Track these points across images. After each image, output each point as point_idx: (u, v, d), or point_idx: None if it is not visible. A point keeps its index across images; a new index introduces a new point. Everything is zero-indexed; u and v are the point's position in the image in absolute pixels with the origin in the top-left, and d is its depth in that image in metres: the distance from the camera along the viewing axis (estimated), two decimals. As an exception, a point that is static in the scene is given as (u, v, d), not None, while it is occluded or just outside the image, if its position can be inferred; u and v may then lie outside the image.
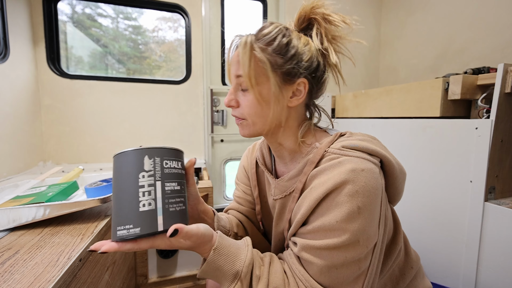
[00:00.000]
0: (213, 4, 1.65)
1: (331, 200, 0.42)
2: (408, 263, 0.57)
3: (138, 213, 0.36)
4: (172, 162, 0.41)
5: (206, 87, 1.62)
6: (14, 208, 0.63)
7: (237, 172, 0.74)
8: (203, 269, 0.43)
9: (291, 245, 0.49)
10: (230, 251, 0.44)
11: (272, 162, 0.62)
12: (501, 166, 0.88)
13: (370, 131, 1.32)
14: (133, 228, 0.36)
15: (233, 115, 0.54)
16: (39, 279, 0.44)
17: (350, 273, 0.42)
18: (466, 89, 0.96)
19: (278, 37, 0.48)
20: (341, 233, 0.41)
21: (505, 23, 1.24)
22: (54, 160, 1.42)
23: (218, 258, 0.43)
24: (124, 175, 0.38)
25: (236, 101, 0.52)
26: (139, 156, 0.38)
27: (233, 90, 0.52)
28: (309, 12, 0.50)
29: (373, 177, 0.42)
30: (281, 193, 0.55)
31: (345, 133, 0.51)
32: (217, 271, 0.43)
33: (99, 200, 0.68)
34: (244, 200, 0.69)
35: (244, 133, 0.54)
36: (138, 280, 1.09)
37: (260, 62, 0.47)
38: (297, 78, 0.49)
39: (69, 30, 1.45)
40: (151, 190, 0.37)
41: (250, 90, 0.49)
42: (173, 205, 0.39)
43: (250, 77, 0.47)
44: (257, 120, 0.51)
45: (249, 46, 0.47)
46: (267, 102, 0.49)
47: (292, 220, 0.51)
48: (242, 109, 0.51)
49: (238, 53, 0.49)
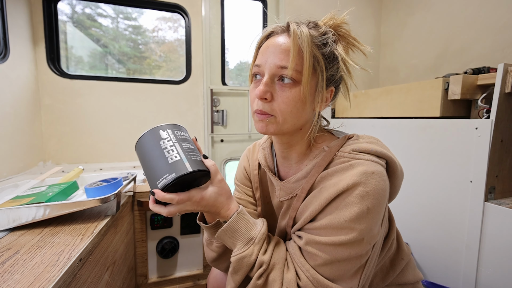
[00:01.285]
0: (213, 4, 1.65)
1: (341, 200, 0.43)
2: (399, 254, 0.59)
3: (169, 165, 0.44)
4: (181, 131, 0.50)
5: (206, 87, 1.62)
6: (14, 208, 0.63)
7: (237, 172, 0.73)
8: (224, 229, 0.48)
9: (295, 238, 0.51)
10: (249, 219, 0.50)
11: (274, 162, 0.62)
12: (501, 166, 0.88)
13: (370, 131, 1.32)
14: (170, 175, 0.43)
15: (260, 110, 0.49)
16: (39, 279, 0.44)
17: (352, 267, 0.44)
18: (466, 89, 0.96)
19: (329, 42, 0.48)
20: (348, 231, 0.42)
21: (505, 23, 1.24)
22: (54, 160, 1.42)
23: (239, 221, 0.49)
24: (149, 147, 0.47)
25: (271, 94, 0.48)
26: (155, 131, 0.48)
27: (268, 81, 0.47)
28: (336, 26, 0.51)
29: (382, 179, 0.44)
30: (287, 195, 0.56)
31: (352, 136, 0.52)
32: (235, 233, 0.48)
33: (99, 200, 0.68)
34: (245, 201, 0.69)
35: (268, 130, 0.50)
36: (138, 280, 1.09)
37: (315, 60, 0.46)
38: (331, 85, 0.51)
39: (69, 30, 1.45)
40: (173, 148, 0.46)
41: (294, 86, 0.46)
42: (193, 156, 0.47)
43: (308, 72, 0.45)
44: (289, 118, 0.48)
45: (311, 41, 0.46)
46: (307, 102, 0.48)
47: (297, 218, 0.53)
48: (277, 104, 0.47)
49: (294, 43, 0.45)
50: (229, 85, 1.75)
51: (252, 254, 0.47)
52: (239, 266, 0.47)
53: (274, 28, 0.50)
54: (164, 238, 1.12)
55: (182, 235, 1.15)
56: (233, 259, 0.48)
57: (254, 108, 0.50)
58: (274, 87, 0.48)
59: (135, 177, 1.02)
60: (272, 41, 0.49)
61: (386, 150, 0.48)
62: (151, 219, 1.09)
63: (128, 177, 0.99)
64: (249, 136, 1.80)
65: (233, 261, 0.48)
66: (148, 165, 0.46)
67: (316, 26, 0.49)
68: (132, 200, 1.03)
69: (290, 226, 0.54)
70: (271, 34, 0.50)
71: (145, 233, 1.09)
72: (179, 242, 1.15)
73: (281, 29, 0.50)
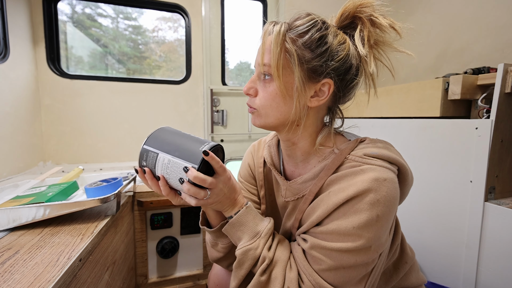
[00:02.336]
0: (213, 4, 1.65)
1: (351, 206, 0.42)
2: (403, 258, 0.59)
3: (200, 141, 0.48)
4: None
5: (206, 87, 1.62)
6: (14, 208, 0.63)
7: (240, 169, 0.71)
8: (232, 221, 0.50)
9: (300, 241, 0.50)
10: (257, 215, 0.52)
11: (280, 161, 0.61)
12: (501, 166, 0.88)
13: (370, 131, 1.32)
14: (207, 143, 0.47)
15: (247, 104, 0.53)
16: (39, 279, 0.44)
17: (357, 274, 0.43)
18: (466, 89, 0.96)
19: (311, 30, 0.45)
20: (356, 238, 0.41)
21: (505, 23, 1.24)
22: (54, 160, 1.42)
23: (248, 215, 0.50)
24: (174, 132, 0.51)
25: (255, 90, 0.50)
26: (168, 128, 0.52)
27: (255, 78, 0.51)
28: (354, 10, 0.47)
29: (394, 187, 0.42)
30: (293, 196, 0.55)
31: (365, 139, 0.50)
32: (242, 226, 0.49)
33: (99, 200, 0.68)
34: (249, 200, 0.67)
35: (255, 122, 0.52)
36: (138, 280, 1.09)
37: (288, 54, 0.45)
38: (323, 78, 0.46)
39: (69, 30, 1.45)
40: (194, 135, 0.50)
41: (273, 81, 0.47)
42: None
43: (277, 67, 0.45)
44: (270, 112, 0.49)
45: (282, 35, 0.45)
46: (286, 97, 0.47)
47: (303, 220, 0.52)
48: (258, 99, 0.50)
49: (270, 41, 0.46)
50: (229, 85, 1.75)
51: (257, 247, 0.47)
52: (244, 258, 0.47)
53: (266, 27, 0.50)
54: (164, 238, 1.12)
55: (182, 235, 1.15)
56: (239, 252, 0.48)
57: None
58: (259, 83, 0.51)
59: (135, 177, 1.02)
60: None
61: (398, 157, 0.47)
62: (151, 219, 1.09)
63: (128, 177, 0.99)
64: (249, 136, 1.80)
65: (238, 254, 0.48)
66: (180, 144, 0.48)
67: (296, 19, 0.47)
68: (132, 200, 1.03)
69: (295, 228, 0.53)
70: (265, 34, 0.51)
71: (145, 233, 1.09)
72: (179, 242, 1.15)
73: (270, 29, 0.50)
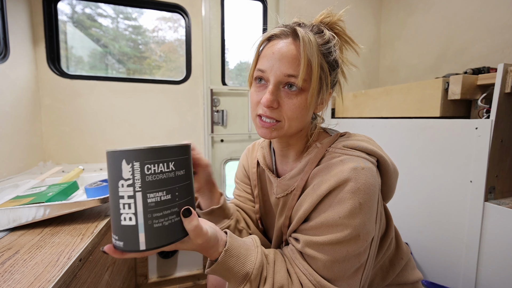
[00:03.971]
0: (213, 4, 1.65)
1: (334, 197, 0.44)
2: (398, 254, 0.60)
3: (120, 226, 0.33)
4: (158, 165, 0.33)
5: (206, 87, 1.62)
6: (14, 208, 0.63)
7: (237, 171, 0.75)
8: (213, 268, 0.43)
9: (292, 242, 0.50)
10: (240, 253, 0.44)
11: (273, 161, 0.63)
12: (501, 166, 0.88)
13: (370, 131, 1.32)
14: (119, 241, 0.33)
15: (266, 116, 0.48)
16: (39, 279, 0.44)
17: (351, 266, 0.45)
18: (466, 89, 0.96)
19: (333, 51, 0.49)
20: (343, 228, 0.43)
21: (505, 23, 1.24)
22: (54, 160, 1.42)
23: (229, 259, 0.43)
24: (109, 180, 0.34)
25: (277, 102, 0.48)
26: (117, 160, 0.32)
27: (274, 90, 0.47)
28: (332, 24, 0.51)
29: (372, 175, 0.44)
30: (283, 192, 0.57)
31: (344, 134, 0.54)
32: (227, 272, 0.43)
33: (99, 200, 0.68)
34: (245, 198, 0.71)
35: (272, 135, 0.49)
36: (138, 280, 1.09)
37: (321, 70, 0.47)
38: (331, 89, 0.52)
39: (69, 30, 1.45)
40: (131, 203, 0.32)
41: (301, 93, 0.47)
42: (159, 219, 0.33)
43: (317, 82, 0.46)
44: (294, 124, 0.49)
45: (319, 50, 0.47)
46: (309, 108, 0.49)
47: (292, 217, 0.53)
48: (284, 111, 0.48)
49: (304, 53, 0.45)
50: (229, 85, 1.75)
51: None
52: None
53: (278, 31, 0.49)
54: (164, 238, 1.12)
55: (182, 235, 1.15)
56: None
57: (258, 112, 0.50)
58: (279, 94, 0.48)
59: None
60: (277, 46, 0.47)
61: (377, 149, 0.49)
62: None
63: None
64: (249, 136, 1.80)
65: None
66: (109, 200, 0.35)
67: (320, 32, 0.49)
68: (132, 200, 1.03)
69: (286, 226, 0.55)
70: (273, 37, 0.50)
71: (145, 233, 1.08)
72: (179, 242, 1.15)
73: (285, 33, 0.48)
